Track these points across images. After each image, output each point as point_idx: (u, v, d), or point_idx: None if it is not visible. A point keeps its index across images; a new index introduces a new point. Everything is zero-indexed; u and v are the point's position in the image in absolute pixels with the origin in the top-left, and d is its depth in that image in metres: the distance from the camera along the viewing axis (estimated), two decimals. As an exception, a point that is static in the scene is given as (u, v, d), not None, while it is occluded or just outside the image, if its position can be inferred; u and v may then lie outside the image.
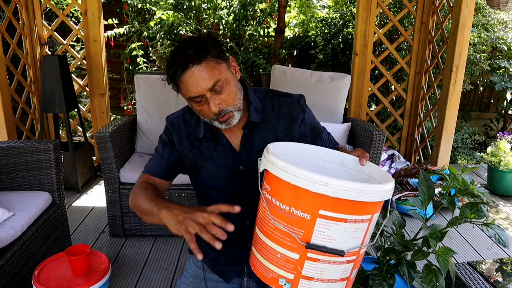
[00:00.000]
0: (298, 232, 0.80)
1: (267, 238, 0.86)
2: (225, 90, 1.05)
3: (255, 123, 1.16)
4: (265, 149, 0.91)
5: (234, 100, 1.07)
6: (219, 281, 1.27)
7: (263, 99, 1.19)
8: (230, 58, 1.11)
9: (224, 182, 1.18)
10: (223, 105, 1.05)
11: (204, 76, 1.01)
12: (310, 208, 0.78)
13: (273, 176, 0.83)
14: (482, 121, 5.10)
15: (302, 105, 1.20)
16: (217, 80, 1.02)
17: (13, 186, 2.02)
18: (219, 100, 1.05)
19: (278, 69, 2.88)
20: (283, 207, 0.81)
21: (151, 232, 2.42)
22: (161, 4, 3.77)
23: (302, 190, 0.77)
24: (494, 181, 3.18)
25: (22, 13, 3.09)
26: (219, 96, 1.04)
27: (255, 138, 1.16)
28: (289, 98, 1.20)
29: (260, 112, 1.16)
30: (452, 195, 1.00)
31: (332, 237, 0.79)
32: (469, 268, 1.43)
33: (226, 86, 1.05)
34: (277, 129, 1.18)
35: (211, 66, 1.02)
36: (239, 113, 1.09)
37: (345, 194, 0.75)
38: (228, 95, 1.06)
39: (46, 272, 1.59)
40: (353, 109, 3.35)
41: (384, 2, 3.22)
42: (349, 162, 1.03)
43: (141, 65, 3.79)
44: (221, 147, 1.16)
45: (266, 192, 0.88)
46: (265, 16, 4.34)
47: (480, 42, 4.11)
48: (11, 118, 2.89)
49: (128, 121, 2.60)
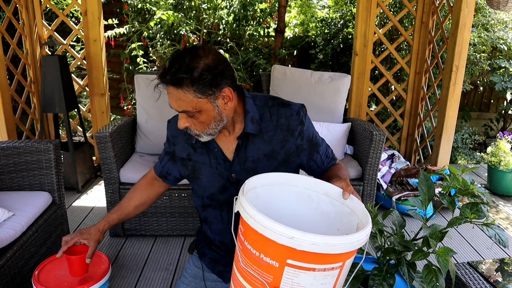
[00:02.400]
0: (268, 278, 0.79)
1: (241, 276, 0.86)
2: (197, 118, 1.04)
3: (251, 134, 1.14)
4: (241, 188, 0.90)
5: (205, 128, 1.07)
6: (218, 281, 1.28)
7: (262, 107, 1.16)
8: (224, 90, 1.03)
9: (218, 189, 1.18)
10: (192, 126, 1.07)
11: (176, 101, 1.02)
12: (278, 256, 0.77)
13: (244, 220, 0.82)
14: (482, 121, 5.10)
15: (301, 117, 1.17)
16: (187, 110, 1.02)
17: (13, 186, 2.02)
18: (190, 121, 1.06)
19: (278, 69, 2.88)
20: (253, 251, 0.80)
21: (151, 232, 2.42)
22: (161, 4, 3.77)
23: (270, 240, 0.76)
24: (494, 181, 3.18)
25: (22, 13, 3.09)
26: (191, 119, 1.05)
27: (249, 148, 1.15)
28: (288, 109, 1.16)
29: (256, 122, 1.14)
30: (452, 195, 1.00)
31: (300, 284, 0.78)
32: (469, 268, 1.43)
33: (199, 116, 1.04)
34: (273, 140, 1.15)
35: (187, 98, 0.99)
36: (210, 136, 1.10)
37: (311, 247, 0.73)
38: (198, 122, 1.06)
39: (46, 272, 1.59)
40: (353, 109, 3.35)
41: (384, 2, 3.22)
42: (333, 193, 1.00)
43: (141, 65, 3.79)
44: (213, 155, 1.17)
45: (240, 232, 0.87)
46: (265, 16, 4.34)
47: (480, 42, 4.11)
48: (11, 118, 2.89)
49: (128, 121, 2.60)
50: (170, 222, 2.41)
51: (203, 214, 1.26)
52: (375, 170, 2.42)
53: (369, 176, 2.43)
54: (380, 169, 2.93)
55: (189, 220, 2.41)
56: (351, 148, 2.75)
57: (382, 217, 1.03)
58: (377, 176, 2.47)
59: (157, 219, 2.39)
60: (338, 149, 2.63)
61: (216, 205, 1.20)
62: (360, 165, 2.51)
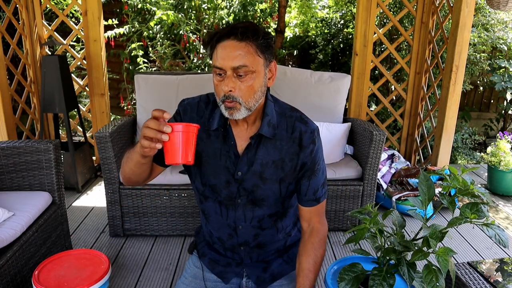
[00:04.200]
0: None
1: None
2: (247, 81, 1.02)
3: (264, 137, 1.12)
4: None
5: (249, 95, 1.03)
6: (218, 281, 1.28)
7: (280, 115, 1.15)
8: (273, 63, 1.09)
9: (222, 183, 1.16)
10: (235, 92, 1.02)
11: (236, 53, 0.99)
12: None
13: None
14: (482, 121, 5.10)
15: (315, 137, 1.15)
16: (244, 64, 1.00)
17: (13, 186, 2.02)
18: (236, 85, 1.01)
19: (278, 69, 2.87)
20: None
21: (151, 232, 2.42)
22: (161, 4, 3.77)
23: None
24: (494, 181, 3.18)
25: (22, 13, 3.09)
26: (238, 81, 1.01)
27: (260, 150, 1.13)
28: (304, 125, 1.15)
29: (273, 127, 1.12)
30: (452, 195, 1.00)
31: None
32: (469, 268, 1.43)
33: (250, 78, 1.02)
34: (283, 150, 1.14)
35: (248, 50, 1.00)
36: (246, 111, 1.05)
37: None
38: (246, 87, 1.02)
39: (46, 272, 1.59)
40: (353, 109, 3.35)
41: (384, 2, 3.22)
42: None
43: (141, 65, 3.80)
44: (227, 147, 1.14)
45: None
46: (265, 16, 4.35)
47: (480, 42, 4.12)
48: (11, 118, 2.89)
49: (128, 121, 2.60)
50: (170, 222, 2.41)
51: (201, 206, 1.25)
52: (375, 170, 2.42)
53: (369, 176, 2.43)
54: (380, 169, 2.93)
55: (189, 220, 2.41)
56: (351, 148, 2.75)
57: (382, 217, 1.03)
58: (377, 176, 2.47)
59: (157, 219, 2.39)
60: (338, 149, 2.63)
61: (216, 199, 1.20)
62: (360, 165, 2.51)
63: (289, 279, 1.27)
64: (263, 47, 1.03)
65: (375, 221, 0.98)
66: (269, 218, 1.20)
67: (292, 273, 1.28)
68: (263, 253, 1.26)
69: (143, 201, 2.35)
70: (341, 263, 1.15)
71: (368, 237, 0.99)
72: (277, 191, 1.16)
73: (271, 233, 1.23)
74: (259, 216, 1.19)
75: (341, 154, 2.66)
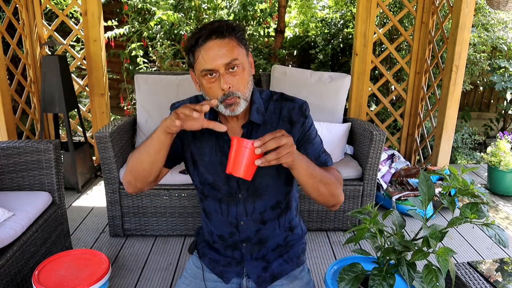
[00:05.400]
0: None
1: None
2: (239, 73, 1.06)
3: (255, 124, 1.16)
4: None
5: (244, 86, 1.08)
6: (218, 281, 1.27)
7: (267, 100, 1.20)
8: (250, 51, 1.14)
9: (220, 179, 1.17)
10: (233, 88, 1.06)
11: (223, 51, 1.03)
12: None
13: None
14: (482, 121, 5.10)
15: (303, 111, 1.18)
16: (235, 58, 1.04)
17: (13, 186, 2.02)
18: (231, 80, 1.05)
19: (278, 69, 2.88)
20: None
21: (151, 232, 2.42)
22: (161, 4, 3.77)
23: None
24: (494, 181, 3.18)
25: (22, 13, 3.09)
26: (232, 76, 1.05)
27: (253, 138, 1.15)
28: (291, 103, 1.19)
29: (261, 113, 1.17)
30: (452, 195, 1.00)
31: None
32: (469, 268, 1.43)
33: (241, 70, 1.07)
34: None
35: (232, 45, 1.05)
36: (245, 103, 1.10)
37: None
38: (240, 79, 1.07)
39: (46, 272, 1.59)
40: (353, 109, 3.35)
41: (384, 2, 3.22)
42: None
43: (141, 65, 3.80)
44: (221, 142, 1.16)
45: None
46: (265, 16, 4.34)
47: (480, 42, 4.12)
48: (11, 118, 2.89)
49: (128, 121, 2.60)
50: (170, 222, 2.41)
51: (202, 205, 1.26)
52: (375, 170, 2.42)
53: (369, 176, 2.43)
54: (380, 169, 2.93)
55: (189, 220, 2.41)
56: (351, 148, 2.75)
57: (382, 217, 1.03)
58: (377, 176, 2.47)
59: (157, 219, 2.39)
60: (338, 149, 2.63)
61: (215, 197, 1.20)
62: (360, 165, 2.51)
63: (289, 279, 1.27)
64: (242, 38, 1.08)
65: (375, 221, 0.98)
66: (271, 210, 1.21)
67: (292, 273, 1.28)
68: (264, 249, 1.26)
69: (143, 201, 2.35)
70: (341, 263, 1.15)
71: (368, 237, 1.00)
72: (275, 175, 1.17)
73: (272, 226, 1.24)
74: (260, 209, 1.20)
75: (341, 154, 2.66)
